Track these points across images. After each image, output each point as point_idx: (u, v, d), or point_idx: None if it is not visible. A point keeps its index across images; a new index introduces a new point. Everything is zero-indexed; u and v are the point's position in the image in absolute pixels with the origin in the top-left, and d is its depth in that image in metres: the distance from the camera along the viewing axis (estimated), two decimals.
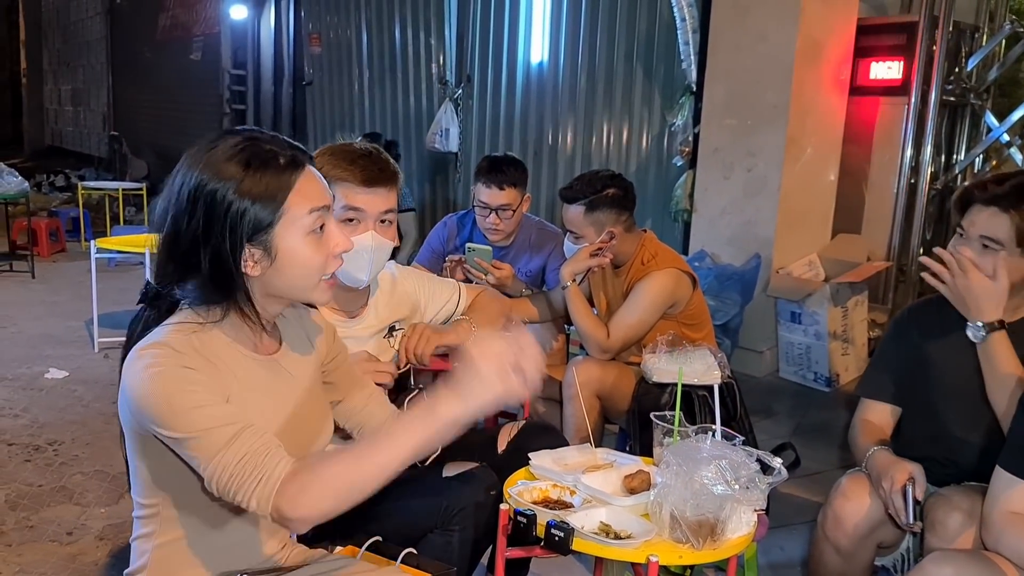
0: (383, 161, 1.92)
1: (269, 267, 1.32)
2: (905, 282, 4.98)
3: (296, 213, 1.31)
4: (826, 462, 3.43)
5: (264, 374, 1.40)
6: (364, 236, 1.88)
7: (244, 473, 1.20)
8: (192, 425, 1.22)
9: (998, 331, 1.84)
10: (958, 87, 4.97)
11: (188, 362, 1.26)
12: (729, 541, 1.54)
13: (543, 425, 2.32)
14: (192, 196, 1.28)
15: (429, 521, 1.72)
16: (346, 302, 2.00)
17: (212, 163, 1.29)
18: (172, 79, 11.68)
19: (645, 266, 2.74)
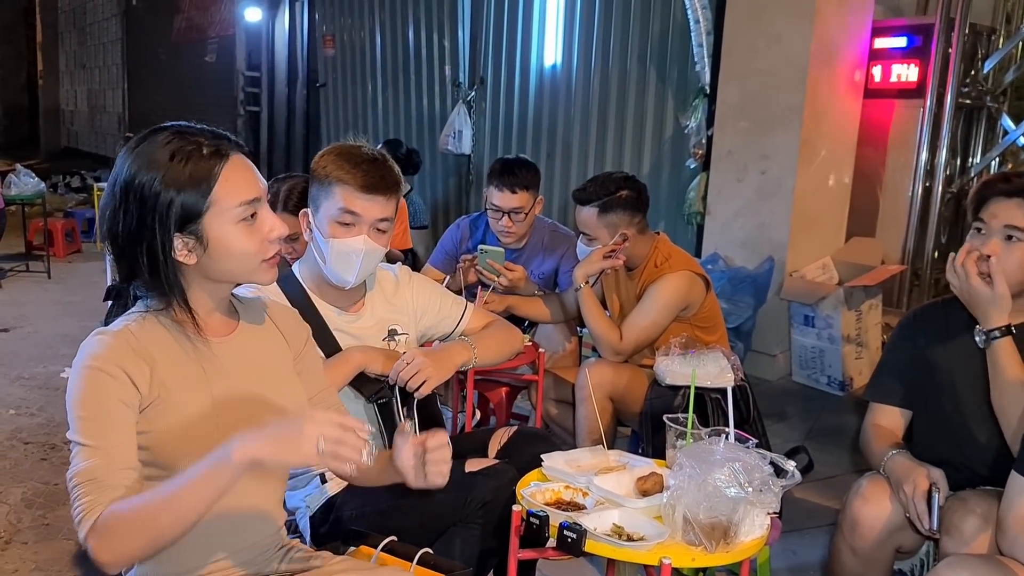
0: (386, 168, 1.92)
1: (203, 255, 1.35)
2: (919, 286, 4.95)
3: (224, 204, 1.34)
4: (840, 466, 3.41)
5: (212, 355, 1.42)
6: (356, 240, 1.90)
7: (82, 494, 1.24)
8: (81, 431, 1.28)
9: (1002, 337, 1.83)
10: (974, 89, 4.94)
11: (119, 357, 1.31)
12: (742, 544, 1.54)
13: (535, 432, 2.33)
14: (124, 191, 1.33)
15: (452, 515, 1.73)
16: (337, 298, 2.01)
17: (140, 157, 1.34)
18: (187, 81, 11.74)
19: (658, 268, 2.74)
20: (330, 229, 1.90)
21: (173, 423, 1.35)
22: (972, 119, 5.11)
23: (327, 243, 1.90)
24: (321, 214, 1.92)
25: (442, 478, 1.39)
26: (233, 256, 1.37)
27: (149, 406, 1.33)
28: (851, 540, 1.93)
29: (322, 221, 1.92)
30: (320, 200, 1.92)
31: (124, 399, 1.30)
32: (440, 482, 1.39)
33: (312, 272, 2.00)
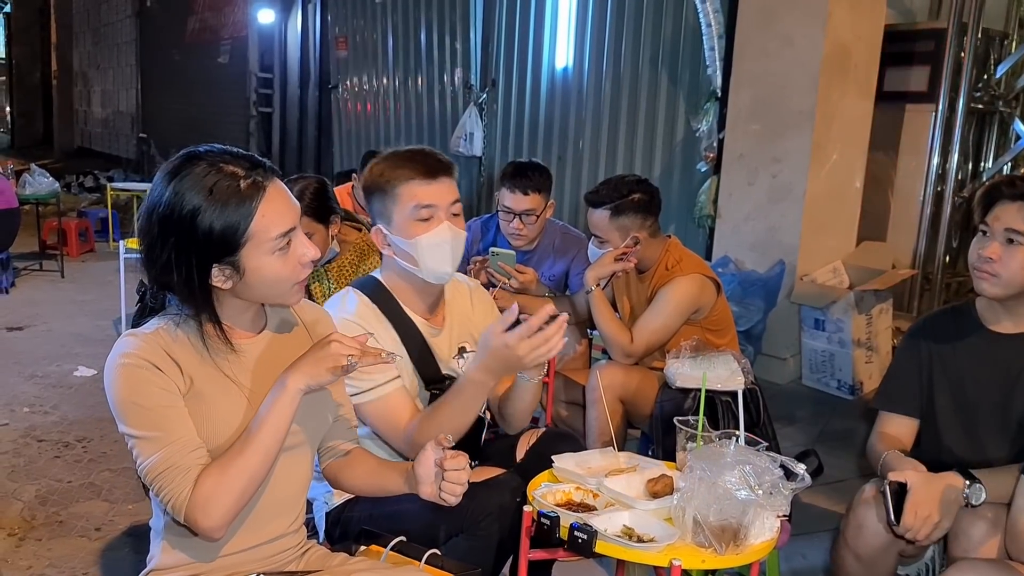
0: (436, 153, 1.92)
1: (239, 282, 1.39)
2: (930, 290, 4.95)
3: (261, 238, 1.37)
4: (849, 470, 3.41)
5: (241, 354, 1.46)
6: (441, 228, 1.88)
7: (166, 482, 1.34)
8: (136, 424, 1.34)
9: None
10: (986, 94, 4.94)
11: (150, 356, 1.36)
12: (752, 546, 1.55)
13: (563, 433, 2.33)
14: (162, 222, 1.36)
15: (455, 525, 1.73)
16: (424, 309, 1.99)
17: (178, 189, 1.36)
18: (200, 82, 11.79)
19: (670, 271, 2.75)
20: (411, 230, 1.87)
21: (206, 424, 1.39)
22: (984, 124, 5.10)
23: (413, 243, 1.87)
24: (396, 221, 1.88)
25: (453, 499, 1.47)
26: (266, 283, 1.41)
27: (185, 396, 1.38)
28: (854, 546, 1.93)
29: (400, 227, 1.88)
30: (390, 208, 1.88)
31: (166, 387, 1.36)
32: (451, 502, 1.48)
33: (397, 283, 1.97)
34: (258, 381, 1.47)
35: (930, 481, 1.78)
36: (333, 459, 1.67)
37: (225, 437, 1.41)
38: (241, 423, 1.43)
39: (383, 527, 1.73)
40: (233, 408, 1.43)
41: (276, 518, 1.52)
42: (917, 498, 1.75)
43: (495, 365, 1.72)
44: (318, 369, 1.39)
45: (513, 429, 2.05)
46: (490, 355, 1.72)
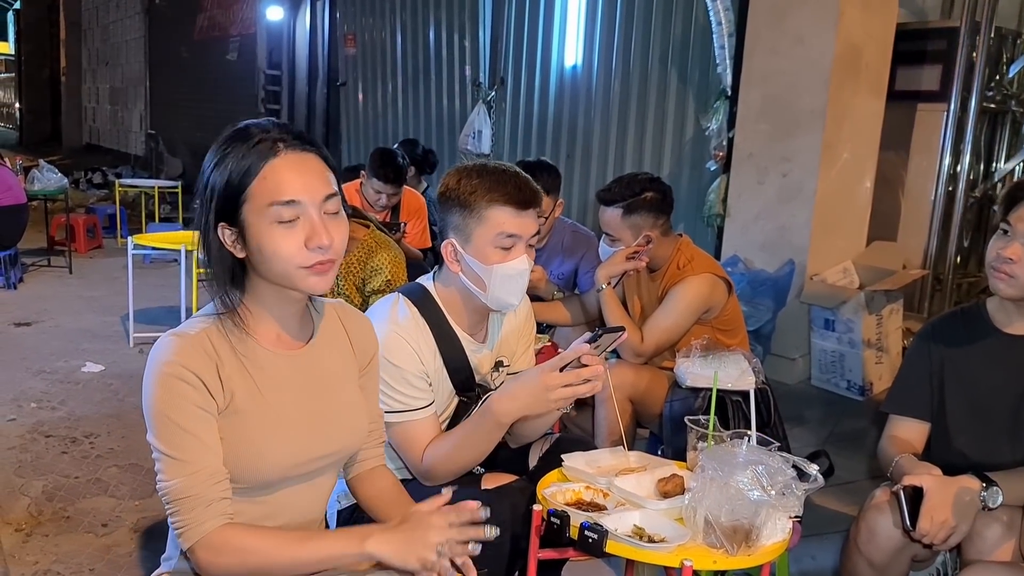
0: (529, 181, 1.86)
1: (247, 249, 1.34)
2: (941, 290, 4.91)
3: (258, 202, 1.31)
4: (859, 472, 3.39)
5: (282, 369, 1.41)
6: (519, 261, 1.84)
7: (184, 509, 1.30)
8: (165, 441, 1.30)
9: None
10: (999, 94, 4.90)
11: (193, 363, 1.31)
12: (764, 547, 1.53)
13: (576, 439, 2.32)
14: (199, 180, 1.36)
15: None
16: (471, 324, 1.95)
17: (213, 147, 1.36)
18: (208, 79, 11.82)
19: (681, 270, 2.73)
20: (490, 255, 1.82)
21: (242, 433, 1.36)
22: (996, 124, 5.07)
23: (490, 270, 1.82)
24: (475, 242, 1.83)
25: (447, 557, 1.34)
26: (268, 258, 1.32)
27: (223, 413, 1.34)
28: (867, 551, 1.91)
29: (478, 249, 1.83)
30: (471, 227, 1.82)
31: (203, 405, 1.31)
32: None
33: (452, 298, 1.93)
34: (299, 405, 1.42)
35: (946, 485, 1.76)
36: (357, 472, 1.63)
37: (253, 465, 1.36)
38: (274, 456, 1.38)
39: None
40: (268, 435, 1.38)
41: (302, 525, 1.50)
42: (933, 502, 1.73)
43: (520, 394, 1.70)
44: (406, 555, 1.28)
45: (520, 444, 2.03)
46: (518, 384, 1.71)
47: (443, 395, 1.92)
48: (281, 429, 1.39)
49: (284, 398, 1.40)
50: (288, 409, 1.40)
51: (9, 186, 5.96)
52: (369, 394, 1.59)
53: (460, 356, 1.92)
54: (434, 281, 1.97)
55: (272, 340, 1.41)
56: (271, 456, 1.38)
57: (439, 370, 1.89)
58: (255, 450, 1.36)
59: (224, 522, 1.31)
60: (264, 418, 1.37)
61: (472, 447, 1.81)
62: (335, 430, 1.47)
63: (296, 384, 1.42)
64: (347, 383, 1.51)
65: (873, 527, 1.89)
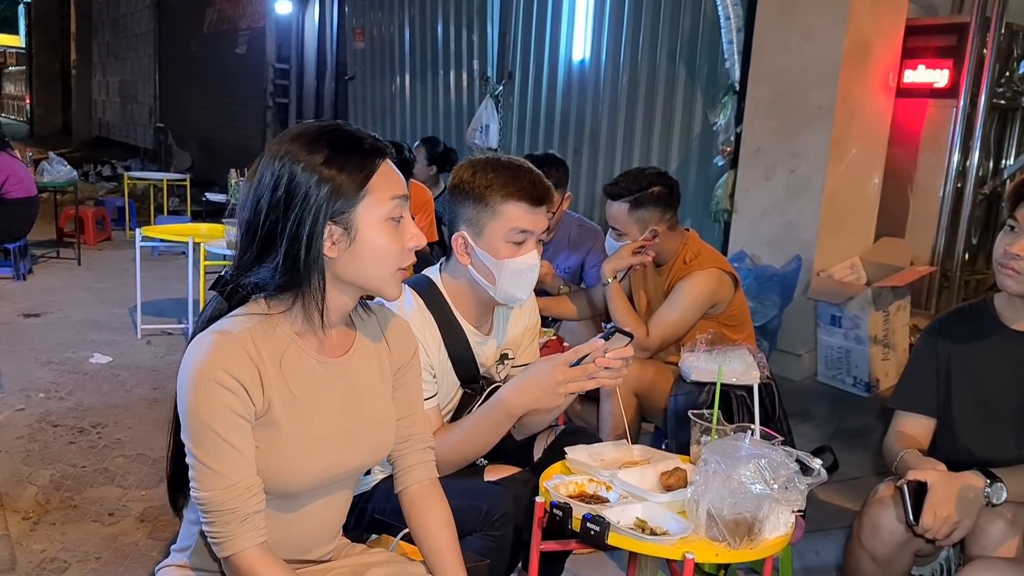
0: (541, 177, 1.87)
1: (347, 248, 1.32)
2: (949, 287, 4.89)
3: (378, 196, 1.32)
4: (864, 468, 3.38)
5: (323, 377, 1.39)
6: (530, 256, 1.85)
7: (220, 523, 1.28)
8: (203, 449, 1.27)
9: None
10: (1009, 90, 4.87)
11: (235, 367, 1.27)
12: (766, 541, 1.53)
13: (580, 430, 2.32)
14: (275, 176, 1.30)
15: (470, 523, 1.71)
16: (476, 317, 1.96)
17: (297, 145, 1.31)
18: (217, 72, 11.84)
19: (687, 265, 2.73)
20: (501, 250, 1.83)
21: (276, 444, 1.33)
22: (1006, 120, 5.04)
23: (501, 264, 1.83)
24: (487, 236, 1.83)
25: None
26: (375, 254, 1.33)
27: (259, 420, 1.32)
28: (870, 546, 1.91)
29: (489, 243, 1.83)
30: (483, 221, 1.83)
31: (242, 413, 1.28)
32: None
33: (459, 290, 1.93)
34: (333, 417, 1.39)
35: (950, 480, 1.76)
36: (409, 487, 1.55)
37: (282, 477, 1.34)
38: (304, 468, 1.36)
39: (396, 519, 1.72)
40: (301, 447, 1.35)
41: (316, 548, 1.49)
42: (937, 497, 1.73)
43: (530, 387, 1.71)
44: None
45: (525, 436, 2.03)
46: (529, 377, 1.72)
47: (447, 387, 1.92)
48: (315, 441, 1.37)
49: (320, 408, 1.38)
50: (323, 420, 1.38)
51: (20, 178, 5.98)
52: (407, 390, 1.55)
53: (465, 348, 1.92)
54: (441, 273, 1.97)
55: (317, 346, 1.39)
56: (302, 468, 1.36)
57: (443, 362, 1.90)
58: (287, 461, 1.34)
59: (259, 541, 1.29)
60: (299, 429, 1.35)
61: (479, 438, 1.82)
62: (362, 445, 1.45)
63: (332, 395, 1.40)
64: (380, 396, 1.49)
65: (876, 522, 1.89)
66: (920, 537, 1.79)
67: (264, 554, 1.30)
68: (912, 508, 1.75)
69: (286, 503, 1.39)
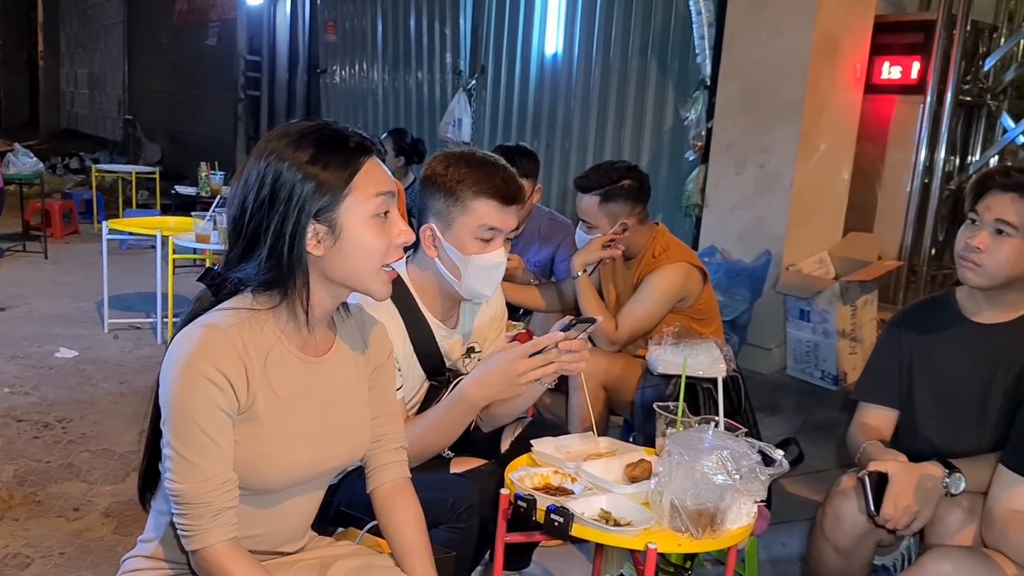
0: (515, 176, 1.87)
1: (332, 246, 1.32)
2: (916, 282, 4.96)
3: (363, 193, 1.32)
4: (831, 460, 3.42)
5: (304, 376, 1.39)
6: (497, 254, 1.86)
7: (192, 515, 1.28)
8: (182, 441, 1.27)
9: None
10: (974, 87, 4.94)
11: (222, 362, 1.27)
12: (729, 531, 1.54)
13: (548, 422, 2.32)
14: (261, 175, 1.31)
15: (436, 516, 1.71)
16: (441, 311, 1.96)
17: (283, 144, 1.32)
18: (187, 64, 11.71)
19: (656, 259, 2.74)
20: (469, 245, 1.84)
21: (256, 440, 1.33)
22: (972, 117, 5.11)
23: (468, 260, 1.84)
24: (455, 230, 1.84)
25: None
26: (361, 252, 1.33)
27: (241, 416, 1.32)
28: (832, 536, 1.93)
29: (457, 238, 1.84)
30: (453, 215, 1.83)
31: (225, 408, 1.28)
32: None
33: (425, 283, 1.93)
34: (313, 416, 1.40)
35: (910, 471, 1.78)
36: (381, 485, 1.56)
37: (260, 473, 1.34)
38: (284, 465, 1.36)
39: (363, 512, 1.72)
40: (281, 444, 1.36)
41: (286, 543, 1.49)
42: (897, 488, 1.75)
43: (491, 380, 1.72)
44: None
45: (493, 428, 2.03)
46: (489, 370, 1.72)
47: (413, 379, 1.92)
48: (294, 439, 1.37)
49: (301, 407, 1.38)
50: (303, 419, 1.39)
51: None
52: (381, 390, 1.55)
53: (430, 341, 1.92)
54: (407, 266, 1.97)
55: (301, 344, 1.40)
56: (281, 466, 1.36)
57: (409, 355, 1.89)
58: (267, 458, 1.35)
59: (229, 536, 1.29)
60: (280, 426, 1.35)
61: (443, 431, 1.82)
62: (340, 444, 1.46)
63: (314, 393, 1.41)
64: (357, 396, 1.50)
65: (839, 512, 1.91)
66: (881, 527, 1.81)
67: (233, 549, 1.30)
68: (873, 499, 1.77)
69: (262, 499, 1.39)
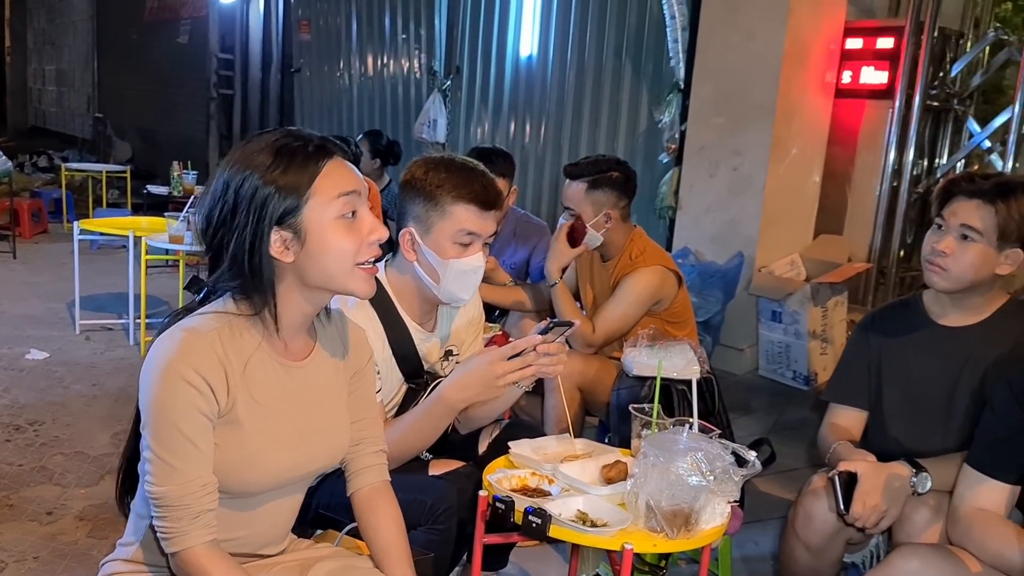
0: (493, 182, 1.89)
1: (300, 251, 1.33)
2: (885, 284, 5.03)
3: (324, 196, 1.32)
4: (802, 459, 3.47)
5: (284, 381, 1.40)
6: (476, 258, 1.87)
7: (172, 518, 1.29)
8: (163, 444, 1.28)
9: None
10: (942, 92, 5.02)
11: (203, 365, 1.28)
12: (703, 531, 1.57)
13: (525, 424, 2.35)
14: (224, 186, 1.32)
15: (415, 518, 1.72)
16: (420, 314, 1.97)
17: (245, 154, 1.33)
18: (158, 62, 11.59)
19: (633, 261, 2.77)
20: (447, 250, 1.85)
21: (236, 444, 1.34)
22: (939, 121, 5.19)
23: (447, 264, 1.85)
24: (435, 235, 1.85)
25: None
26: (330, 254, 1.33)
27: (221, 419, 1.33)
28: (804, 535, 1.97)
29: (436, 242, 1.86)
30: (432, 219, 1.85)
31: (206, 411, 1.29)
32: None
33: (404, 286, 1.95)
34: (293, 419, 1.41)
35: (878, 471, 1.82)
36: (361, 488, 1.57)
37: (240, 477, 1.35)
38: (264, 469, 1.37)
39: (341, 515, 1.73)
40: (261, 448, 1.37)
41: (266, 547, 1.50)
42: (866, 487, 1.79)
43: (470, 382, 1.75)
44: None
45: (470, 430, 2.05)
46: (467, 372, 1.75)
47: (392, 382, 1.93)
48: (274, 443, 1.38)
49: (281, 411, 1.39)
50: (283, 423, 1.40)
51: None
52: (360, 395, 1.56)
53: (408, 345, 1.94)
54: (386, 269, 1.98)
55: (281, 349, 1.41)
56: (261, 470, 1.37)
57: (388, 359, 1.91)
58: (246, 462, 1.35)
59: (209, 539, 1.30)
60: (260, 431, 1.36)
61: (421, 433, 1.84)
62: (320, 448, 1.47)
63: (293, 398, 1.41)
64: (337, 399, 1.51)
65: (810, 512, 1.95)
66: (851, 526, 1.85)
67: (212, 551, 1.31)
68: (843, 498, 1.81)
69: (242, 502, 1.40)
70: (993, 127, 4.84)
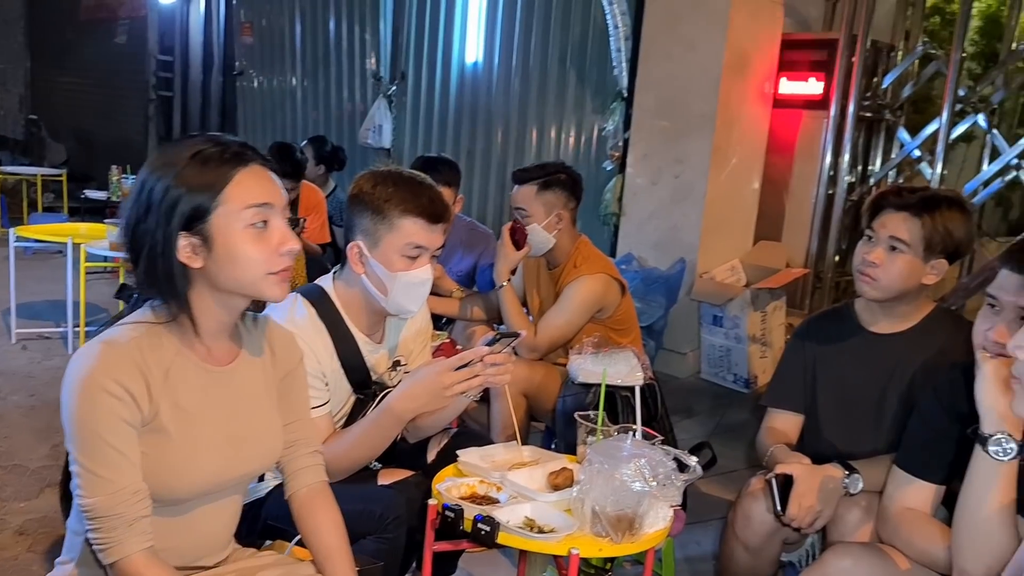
0: (440, 196, 1.91)
1: (208, 257, 1.33)
2: (821, 288, 5.19)
3: (233, 206, 1.32)
4: (743, 461, 3.56)
5: (209, 386, 1.40)
6: (423, 271, 1.89)
7: (106, 528, 1.29)
8: (88, 455, 1.28)
9: None
10: (874, 103, 5.20)
11: (122, 376, 1.28)
12: (646, 535, 1.61)
13: (474, 433, 2.37)
14: (141, 187, 1.33)
15: (364, 527, 1.74)
16: (368, 325, 1.99)
17: (164, 156, 1.34)
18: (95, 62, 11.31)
19: (577, 269, 2.81)
20: (395, 263, 1.87)
21: (162, 451, 1.34)
22: (872, 131, 5.37)
23: (394, 277, 1.87)
24: (383, 248, 1.87)
25: None
26: (238, 263, 1.33)
27: (146, 427, 1.32)
28: (743, 535, 2.04)
29: (384, 255, 1.87)
30: (380, 233, 1.86)
31: (129, 420, 1.29)
32: None
33: (351, 299, 1.95)
34: (221, 424, 1.41)
35: (813, 473, 1.89)
36: (298, 491, 1.58)
37: (168, 484, 1.35)
38: (192, 475, 1.37)
39: (290, 526, 1.73)
40: (188, 454, 1.37)
41: (207, 555, 1.50)
42: (801, 489, 1.86)
43: (418, 392, 1.78)
44: None
45: (419, 439, 2.07)
46: (416, 383, 1.78)
47: (340, 393, 1.95)
48: (201, 448, 1.38)
49: (207, 416, 1.39)
50: (210, 428, 1.40)
51: None
52: (292, 397, 1.57)
53: (356, 356, 1.95)
54: (334, 281, 1.99)
55: (204, 354, 1.41)
56: (189, 475, 1.37)
57: (336, 370, 1.92)
58: (174, 468, 1.35)
59: (146, 545, 1.30)
60: (186, 436, 1.36)
61: (369, 443, 1.85)
62: (251, 451, 1.47)
63: (220, 402, 1.42)
64: (266, 402, 1.51)
65: (748, 513, 2.02)
66: (787, 526, 1.92)
67: (150, 558, 1.31)
68: (779, 500, 1.87)
69: (173, 509, 1.40)
70: (923, 136, 5.03)
